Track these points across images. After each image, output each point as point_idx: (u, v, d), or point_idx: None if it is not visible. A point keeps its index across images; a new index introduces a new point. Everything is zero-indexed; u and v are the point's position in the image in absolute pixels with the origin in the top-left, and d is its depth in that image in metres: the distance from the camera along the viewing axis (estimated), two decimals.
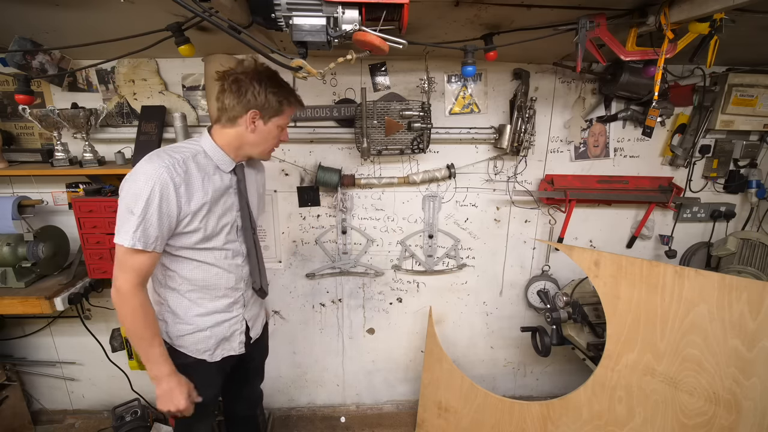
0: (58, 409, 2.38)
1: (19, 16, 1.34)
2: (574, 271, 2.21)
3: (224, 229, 1.27)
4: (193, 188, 1.17)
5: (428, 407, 2.13)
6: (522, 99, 1.86)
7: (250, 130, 1.25)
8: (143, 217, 1.09)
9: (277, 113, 1.27)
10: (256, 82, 1.21)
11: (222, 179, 1.26)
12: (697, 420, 1.44)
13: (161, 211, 1.11)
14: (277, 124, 1.28)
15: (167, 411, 1.25)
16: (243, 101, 1.21)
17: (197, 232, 1.20)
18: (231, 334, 1.38)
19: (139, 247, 1.10)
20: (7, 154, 1.84)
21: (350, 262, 2.17)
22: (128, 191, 1.11)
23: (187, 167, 1.17)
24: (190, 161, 1.18)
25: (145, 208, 1.08)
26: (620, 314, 1.55)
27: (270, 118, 1.26)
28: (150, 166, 1.11)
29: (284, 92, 1.26)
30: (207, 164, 1.23)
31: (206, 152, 1.24)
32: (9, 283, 1.77)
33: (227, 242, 1.29)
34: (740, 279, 1.34)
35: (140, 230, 1.09)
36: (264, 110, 1.24)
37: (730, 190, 2.16)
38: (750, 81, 1.89)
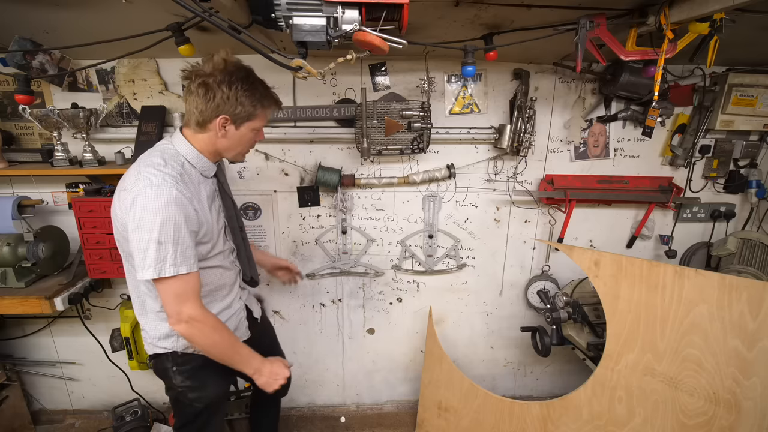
0: (58, 409, 2.38)
1: (19, 16, 1.34)
2: (574, 271, 2.21)
3: (221, 230, 1.31)
4: (196, 200, 1.16)
5: (428, 407, 2.13)
6: (522, 99, 1.86)
7: (221, 135, 1.19)
8: (177, 242, 1.08)
9: (250, 118, 1.20)
10: (226, 85, 1.13)
11: (208, 184, 1.26)
12: (697, 420, 1.44)
13: (189, 230, 1.11)
14: (250, 127, 1.22)
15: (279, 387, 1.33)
16: (211, 106, 1.14)
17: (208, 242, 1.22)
18: (238, 324, 1.44)
19: (183, 271, 1.09)
20: (7, 154, 1.84)
21: (350, 262, 2.17)
22: (146, 224, 1.05)
23: (185, 182, 1.15)
24: (184, 175, 1.16)
25: (175, 233, 1.07)
26: (620, 314, 1.55)
27: (242, 123, 1.20)
28: (159, 189, 1.06)
29: (258, 94, 1.18)
30: (193, 173, 1.21)
31: (189, 161, 1.20)
32: (9, 283, 1.77)
33: (225, 242, 1.34)
34: (740, 279, 1.34)
35: (179, 256, 1.08)
36: (234, 115, 1.17)
37: (730, 190, 2.16)
38: (750, 81, 1.89)
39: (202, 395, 1.36)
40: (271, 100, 1.24)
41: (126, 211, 1.08)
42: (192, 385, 1.34)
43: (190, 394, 1.35)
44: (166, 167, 1.13)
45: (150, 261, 1.06)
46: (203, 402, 1.37)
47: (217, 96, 1.13)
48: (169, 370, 1.32)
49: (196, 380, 1.34)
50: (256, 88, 1.19)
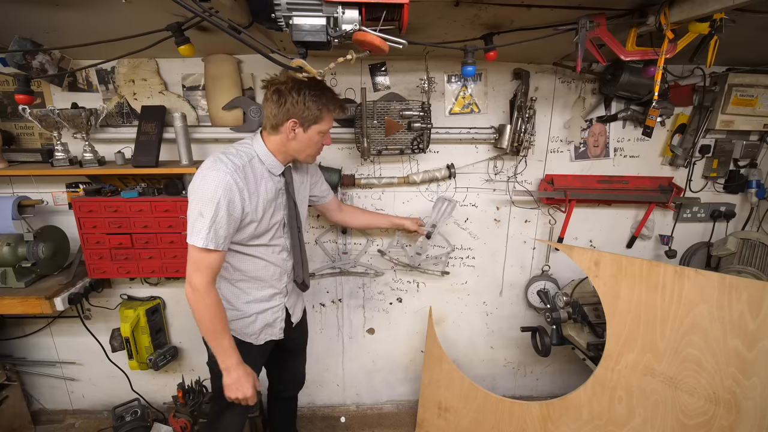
0: (58, 409, 2.38)
1: (19, 16, 1.34)
2: (574, 271, 2.21)
3: (273, 226, 1.39)
4: (251, 191, 1.28)
5: (428, 407, 2.13)
6: (522, 99, 1.86)
7: (291, 138, 1.32)
8: (214, 220, 1.20)
9: (317, 121, 1.31)
10: (295, 91, 1.25)
11: (273, 182, 1.36)
12: (697, 420, 1.44)
13: (229, 214, 1.22)
14: (317, 130, 1.33)
15: (234, 398, 1.35)
16: (282, 110, 1.27)
17: (250, 230, 1.33)
18: (274, 321, 1.52)
19: (211, 247, 1.22)
20: (7, 154, 1.84)
21: (350, 262, 2.17)
22: (198, 195, 1.21)
23: (245, 173, 1.27)
24: (247, 167, 1.28)
25: (215, 211, 1.20)
26: (620, 314, 1.55)
27: (309, 126, 1.31)
28: (216, 173, 1.21)
29: (324, 99, 1.29)
30: (260, 168, 1.33)
31: (259, 157, 1.33)
32: (9, 283, 1.77)
33: (274, 238, 1.41)
34: (740, 279, 1.34)
35: (212, 231, 1.21)
36: (303, 119, 1.29)
37: (730, 190, 2.16)
38: (750, 81, 1.89)
39: None
40: (336, 105, 1.34)
41: (191, 185, 1.25)
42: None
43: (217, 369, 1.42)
44: (235, 157, 1.27)
45: (190, 227, 1.23)
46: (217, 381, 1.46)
47: (288, 101, 1.26)
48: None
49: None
50: (323, 94, 1.29)
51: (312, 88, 1.27)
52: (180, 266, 1.85)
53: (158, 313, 2.14)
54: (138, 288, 2.15)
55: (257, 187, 1.31)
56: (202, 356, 2.29)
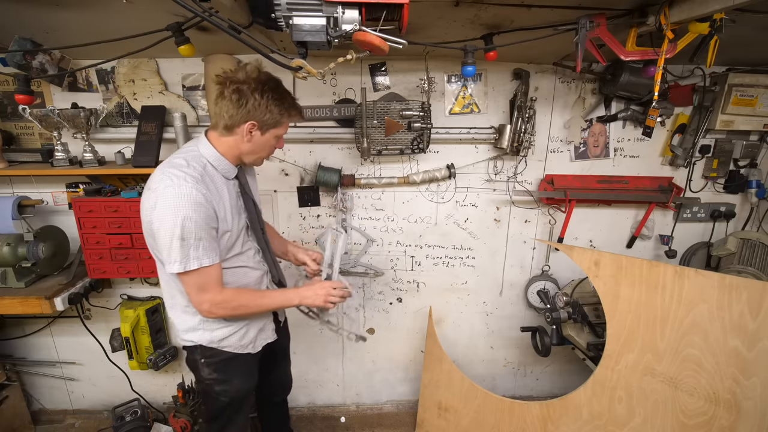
0: (58, 409, 2.38)
1: (19, 16, 1.34)
2: (574, 271, 2.21)
3: (242, 232, 1.34)
4: (217, 200, 1.22)
5: (428, 407, 2.13)
6: (522, 99, 1.86)
7: (246, 140, 1.24)
8: (198, 238, 1.15)
9: (276, 125, 1.26)
10: (258, 93, 1.18)
11: (229, 186, 1.30)
12: (697, 420, 1.44)
13: (209, 228, 1.18)
14: (275, 134, 1.28)
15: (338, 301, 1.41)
16: (242, 111, 1.19)
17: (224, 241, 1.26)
18: (265, 324, 1.48)
19: (206, 264, 1.18)
20: (7, 154, 1.84)
21: (350, 262, 2.17)
22: (168, 222, 1.12)
23: (205, 182, 1.20)
24: (205, 175, 1.21)
25: (195, 230, 1.14)
26: (620, 314, 1.55)
27: (268, 130, 1.25)
28: (179, 191, 1.12)
29: (286, 104, 1.24)
30: (215, 174, 1.26)
31: (211, 162, 1.25)
32: (9, 283, 1.77)
33: (245, 243, 1.36)
34: (740, 279, 1.34)
35: (201, 250, 1.16)
36: (262, 122, 1.22)
37: (730, 190, 2.16)
38: (750, 81, 1.89)
39: (227, 389, 1.43)
40: (296, 111, 1.29)
41: (151, 210, 1.14)
42: (218, 378, 1.41)
43: (216, 387, 1.42)
44: (188, 168, 1.18)
45: (175, 256, 1.14)
46: (228, 396, 1.44)
47: (249, 103, 1.18)
48: (197, 362, 1.39)
49: (222, 373, 1.40)
50: (285, 98, 1.24)
51: (274, 91, 1.21)
52: None
53: (158, 313, 2.14)
54: (138, 288, 2.15)
55: (220, 195, 1.24)
56: None
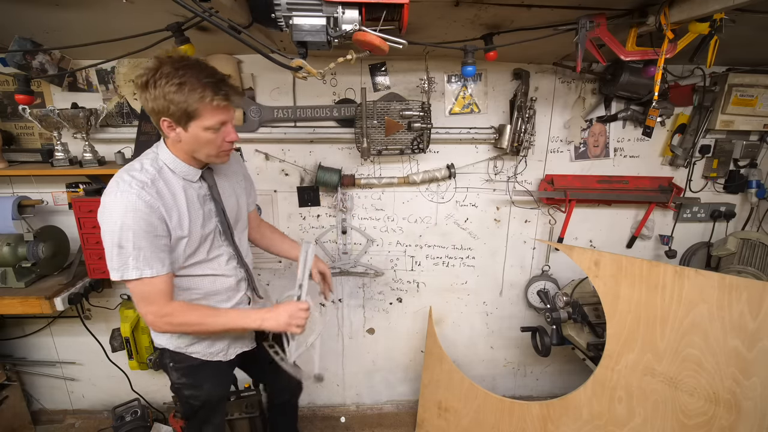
0: (58, 409, 2.38)
1: (19, 16, 1.34)
2: (574, 271, 2.21)
3: (208, 237, 1.23)
4: (169, 206, 1.12)
5: (428, 407, 2.13)
6: (522, 99, 1.86)
7: (175, 139, 1.11)
8: (137, 247, 1.07)
9: (192, 116, 1.06)
10: (152, 84, 1.02)
11: (194, 189, 1.20)
12: (697, 420, 1.44)
13: (150, 237, 1.08)
14: (201, 126, 1.08)
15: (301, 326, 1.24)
16: (149, 110, 1.07)
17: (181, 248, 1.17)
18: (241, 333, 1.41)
19: (147, 274, 1.09)
20: (7, 154, 1.84)
21: (350, 262, 2.17)
22: (109, 226, 1.06)
23: (157, 187, 1.11)
24: (157, 180, 1.12)
25: (133, 238, 1.06)
26: (620, 314, 1.55)
27: (187, 123, 1.08)
28: (121, 196, 1.06)
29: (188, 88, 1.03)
30: (172, 178, 1.16)
31: (168, 166, 1.16)
32: (9, 283, 1.77)
33: (213, 249, 1.26)
34: (740, 279, 1.34)
35: (141, 259, 1.08)
36: (172, 116, 1.06)
37: (730, 190, 2.16)
38: (750, 81, 1.89)
39: (197, 394, 1.39)
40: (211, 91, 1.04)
41: (99, 214, 1.09)
42: (187, 382, 1.36)
43: (185, 391, 1.38)
44: (141, 172, 1.11)
45: (114, 264, 1.08)
46: (199, 400, 1.39)
47: (149, 99, 1.04)
48: (167, 366, 1.36)
49: (191, 378, 1.36)
50: (186, 83, 1.02)
51: (170, 76, 1.01)
52: None
53: None
54: None
55: (175, 199, 1.14)
56: None
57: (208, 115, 1.07)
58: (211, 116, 1.08)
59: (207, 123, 1.08)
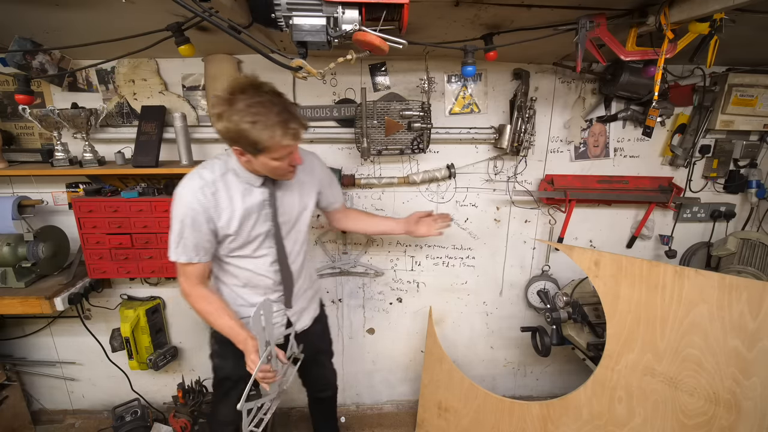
0: (58, 409, 2.38)
1: (19, 16, 1.34)
2: (574, 271, 2.21)
3: (257, 239, 1.34)
4: (221, 206, 1.26)
5: (428, 407, 2.13)
6: (522, 99, 1.86)
7: (247, 163, 1.23)
8: (181, 237, 1.25)
9: (260, 150, 1.14)
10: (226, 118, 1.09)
11: (257, 193, 1.30)
12: (697, 420, 1.44)
13: (195, 231, 1.25)
14: (269, 157, 1.17)
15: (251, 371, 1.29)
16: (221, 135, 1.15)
17: (227, 244, 1.32)
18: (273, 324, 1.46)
19: (182, 260, 1.28)
20: (7, 154, 1.84)
21: (350, 262, 2.17)
22: (172, 210, 1.25)
23: (216, 188, 1.25)
24: (219, 181, 1.26)
25: (180, 230, 1.25)
26: (620, 314, 1.55)
27: (257, 155, 1.17)
28: (184, 191, 1.23)
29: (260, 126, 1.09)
30: (235, 182, 1.28)
31: (235, 171, 1.28)
32: (9, 283, 1.77)
33: (259, 249, 1.37)
34: (740, 279, 1.34)
35: (180, 247, 1.27)
36: (244, 147, 1.15)
37: (730, 190, 2.16)
38: (750, 81, 1.89)
39: (222, 365, 1.54)
40: (281, 131, 1.12)
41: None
42: (218, 351, 1.54)
43: (215, 359, 1.56)
44: (210, 171, 1.26)
45: (169, 243, 1.28)
46: (223, 372, 1.54)
47: (221, 129, 1.14)
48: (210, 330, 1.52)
49: (220, 350, 1.52)
50: (258, 122, 1.09)
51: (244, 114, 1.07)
52: None
53: (158, 313, 2.14)
54: (138, 288, 2.15)
55: (231, 201, 1.26)
56: (202, 356, 2.30)
57: (277, 151, 1.17)
58: (280, 151, 1.17)
59: (275, 155, 1.18)
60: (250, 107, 1.09)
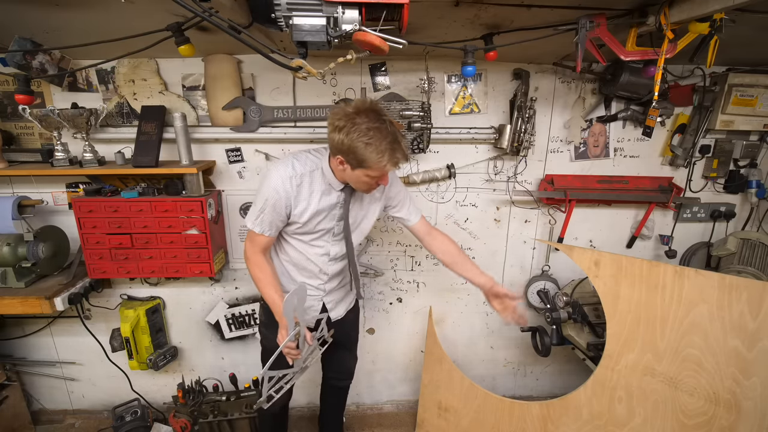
0: (58, 409, 2.38)
1: (19, 16, 1.34)
2: (574, 271, 2.21)
3: (320, 231, 1.48)
4: (301, 198, 1.39)
5: (428, 407, 2.13)
6: (522, 99, 1.86)
7: (340, 170, 1.35)
8: (262, 211, 1.39)
9: (362, 165, 1.28)
10: (345, 132, 1.23)
11: (334, 195, 1.43)
12: (697, 420, 1.44)
13: (274, 211, 1.39)
14: (365, 173, 1.30)
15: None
16: (332, 144, 1.30)
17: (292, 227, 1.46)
18: (308, 307, 1.60)
19: (257, 230, 1.42)
20: (7, 154, 1.84)
21: None
22: (260, 186, 1.40)
23: (302, 181, 1.38)
24: (306, 176, 1.39)
25: (263, 206, 1.38)
26: (620, 314, 1.55)
27: (356, 168, 1.30)
28: (276, 174, 1.37)
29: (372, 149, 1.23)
30: (320, 181, 1.41)
31: (323, 170, 1.41)
32: (9, 283, 1.77)
33: (317, 240, 1.50)
34: (740, 279, 1.34)
35: (258, 220, 1.41)
36: (347, 159, 1.29)
37: (730, 190, 2.16)
38: (750, 81, 1.89)
39: (267, 335, 1.66)
40: (388, 157, 1.25)
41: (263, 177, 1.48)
42: (264, 321, 1.68)
43: (262, 328, 1.71)
44: (302, 163, 1.40)
45: (250, 212, 1.44)
46: (267, 342, 1.68)
47: (336, 139, 1.26)
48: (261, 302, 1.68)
49: (267, 320, 1.63)
50: (372, 144, 1.22)
51: (362, 134, 1.21)
52: (179, 266, 1.85)
53: (158, 313, 2.14)
54: (138, 288, 2.15)
55: (310, 196, 1.40)
56: (202, 356, 2.30)
57: (376, 171, 1.29)
58: (377, 171, 1.29)
59: (372, 174, 1.30)
60: (369, 130, 1.23)
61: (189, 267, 1.85)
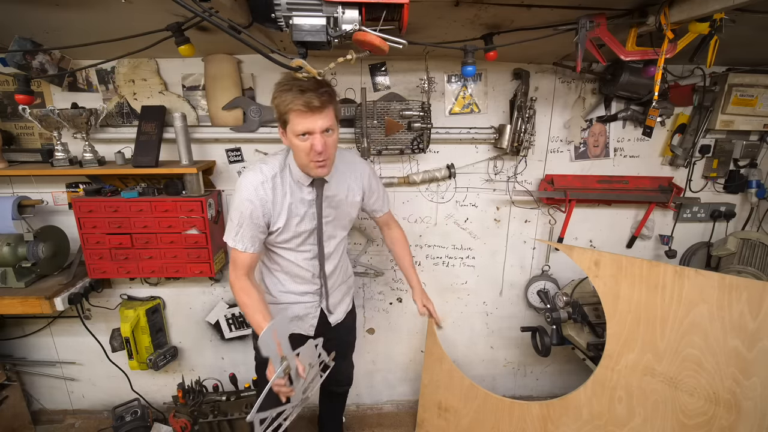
0: (58, 409, 2.38)
1: (19, 16, 1.34)
2: (574, 271, 2.21)
3: (302, 234, 1.43)
4: (276, 201, 1.35)
5: (428, 407, 2.13)
6: (522, 99, 1.86)
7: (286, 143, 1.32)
8: (240, 227, 1.34)
9: (286, 120, 1.23)
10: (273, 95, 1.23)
11: (305, 192, 1.38)
12: (697, 420, 1.44)
13: (252, 223, 1.33)
14: (292, 132, 1.23)
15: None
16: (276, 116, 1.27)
17: (274, 236, 1.41)
18: (305, 315, 1.58)
19: (239, 248, 1.36)
20: (7, 154, 1.84)
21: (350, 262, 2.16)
22: (233, 201, 1.35)
23: (274, 183, 1.34)
24: (277, 177, 1.34)
25: (240, 221, 1.33)
26: (620, 314, 1.55)
27: (285, 129, 1.26)
28: (246, 186, 1.31)
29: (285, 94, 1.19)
30: (290, 178, 1.37)
31: (290, 168, 1.36)
32: (9, 283, 1.77)
33: (303, 245, 1.46)
34: (740, 279, 1.34)
35: (239, 236, 1.35)
36: (280, 124, 1.26)
37: (730, 190, 2.16)
38: (750, 81, 1.89)
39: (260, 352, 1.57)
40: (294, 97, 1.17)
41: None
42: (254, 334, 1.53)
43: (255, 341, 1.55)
44: (269, 166, 1.35)
45: (227, 228, 1.38)
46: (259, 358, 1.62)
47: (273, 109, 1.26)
48: None
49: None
50: (287, 90, 1.19)
51: (279, 85, 1.22)
52: (179, 266, 1.85)
53: (158, 313, 2.14)
54: (138, 288, 2.15)
55: (283, 198, 1.36)
56: (201, 356, 2.30)
57: (294, 120, 1.21)
58: (296, 121, 1.20)
59: (294, 128, 1.21)
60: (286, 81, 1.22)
61: (189, 267, 1.85)
